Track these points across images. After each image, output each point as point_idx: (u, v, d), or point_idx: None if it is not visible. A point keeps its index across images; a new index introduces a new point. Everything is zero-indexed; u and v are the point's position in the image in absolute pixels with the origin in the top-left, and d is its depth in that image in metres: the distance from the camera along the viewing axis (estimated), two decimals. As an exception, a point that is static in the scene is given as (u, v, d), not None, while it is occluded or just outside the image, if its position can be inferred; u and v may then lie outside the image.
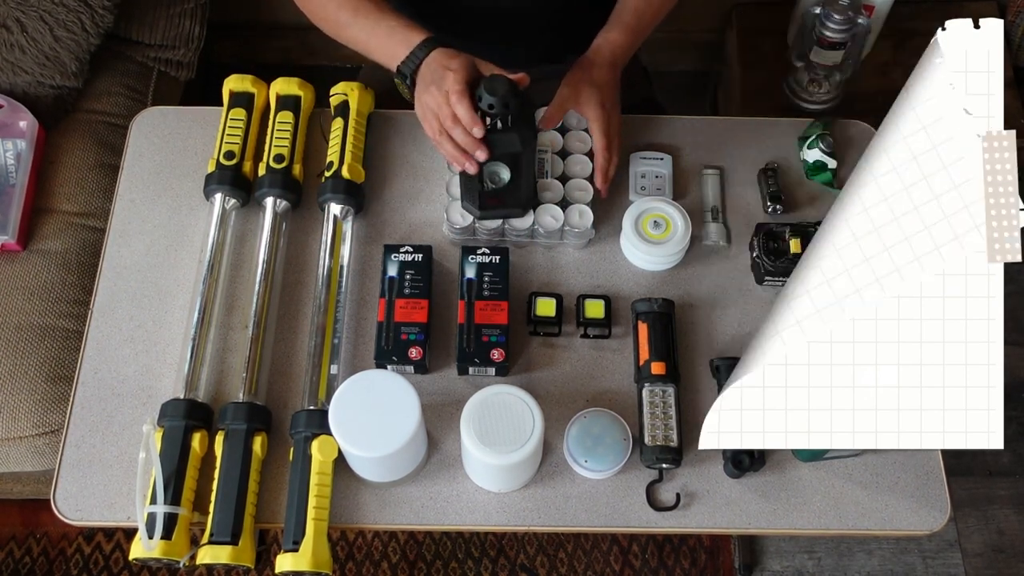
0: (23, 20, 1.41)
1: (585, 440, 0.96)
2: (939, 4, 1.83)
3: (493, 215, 1.06)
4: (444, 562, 1.65)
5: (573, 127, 1.13)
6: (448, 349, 1.04)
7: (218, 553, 0.91)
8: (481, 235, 1.09)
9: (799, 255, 1.04)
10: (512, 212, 1.06)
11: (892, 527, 0.96)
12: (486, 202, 1.04)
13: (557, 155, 1.11)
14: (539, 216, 1.07)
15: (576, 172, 1.10)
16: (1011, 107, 1.73)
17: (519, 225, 1.07)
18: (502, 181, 1.03)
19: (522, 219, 1.07)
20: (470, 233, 1.08)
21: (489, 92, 0.92)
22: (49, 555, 1.65)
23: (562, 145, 1.12)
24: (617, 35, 1.08)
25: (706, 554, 1.66)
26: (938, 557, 1.68)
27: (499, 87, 0.91)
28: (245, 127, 1.13)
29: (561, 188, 1.09)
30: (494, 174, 1.03)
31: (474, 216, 1.06)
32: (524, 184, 1.03)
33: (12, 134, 1.39)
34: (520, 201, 1.05)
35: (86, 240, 1.40)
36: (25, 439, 1.28)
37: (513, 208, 1.06)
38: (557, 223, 1.06)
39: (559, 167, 1.11)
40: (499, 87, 0.91)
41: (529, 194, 1.06)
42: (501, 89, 0.91)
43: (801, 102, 1.70)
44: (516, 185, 1.03)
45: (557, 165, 1.11)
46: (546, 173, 1.10)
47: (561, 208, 1.07)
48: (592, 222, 1.07)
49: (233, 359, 1.04)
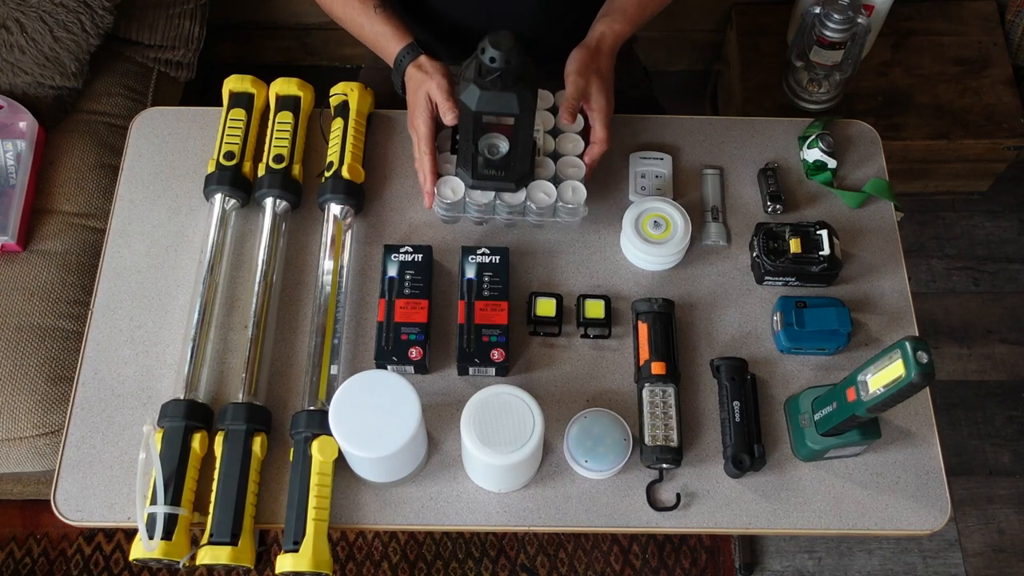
0: (23, 21, 1.41)
1: (585, 440, 0.96)
2: (939, 4, 1.83)
3: (486, 186, 1.03)
4: (444, 562, 1.65)
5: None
6: (448, 349, 1.04)
7: (218, 553, 0.91)
8: (471, 210, 1.06)
9: (799, 255, 1.04)
10: (505, 186, 1.03)
11: (892, 527, 0.96)
12: (479, 172, 1.02)
13: (548, 133, 1.09)
14: (531, 192, 1.04)
15: (568, 150, 1.08)
16: (1011, 107, 1.73)
17: (511, 200, 1.04)
18: (499, 152, 1.00)
19: (514, 195, 1.04)
20: (460, 209, 1.06)
21: (493, 45, 0.87)
22: (49, 556, 1.65)
23: (553, 123, 1.09)
24: (621, 26, 1.08)
25: (706, 554, 1.66)
26: (938, 557, 1.68)
27: (504, 41, 0.87)
28: (245, 127, 1.13)
29: (553, 165, 1.07)
30: (492, 146, 1.00)
31: (466, 184, 1.03)
32: (520, 158, 1.00)
33: (12, 135, 1.39)
34: (515, 175, 1.03)
35: (86, 241, 1.40)
36: (25, 440, 1.28)
37: (507, 182, 1.03)
38: (550, 199, 1.04)
39: (551, 145, 1.08)
40: (504, 41, 0.87)
41: (524, 169, 1.03)
42: (506, 43, 0.87)
43: (801, 102, 1.70)
44: (512, 158, 1.00)
45: (548, 143, 1.08)
46: (538, 151, 1.07)
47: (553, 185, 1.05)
48: (585, 199, 1.05)
49: (233, 359, 1.04)
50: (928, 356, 0.79)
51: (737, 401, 0.98)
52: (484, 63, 0.88)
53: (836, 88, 1.67)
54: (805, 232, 1.05)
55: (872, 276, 1.09)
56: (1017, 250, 1.95)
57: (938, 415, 1.02)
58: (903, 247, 1.11)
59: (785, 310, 1.03)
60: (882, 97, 1.74)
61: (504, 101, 0.91)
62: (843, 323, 1.02)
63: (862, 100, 1.73)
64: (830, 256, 1.04)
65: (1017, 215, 1.99)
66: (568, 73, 1.04)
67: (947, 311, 1.89)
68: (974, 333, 1.87)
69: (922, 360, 0.79)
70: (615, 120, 1.17)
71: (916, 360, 0.79)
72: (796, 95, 1.70)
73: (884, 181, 1.13)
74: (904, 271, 1.09)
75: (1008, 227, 1.98)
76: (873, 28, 1.67)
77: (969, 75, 1.76)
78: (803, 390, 0.99)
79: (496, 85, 0.90)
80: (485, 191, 1.04)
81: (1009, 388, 1.82)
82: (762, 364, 1.04)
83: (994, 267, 1.94)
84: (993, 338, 1.86)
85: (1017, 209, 2.00)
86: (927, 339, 0.83)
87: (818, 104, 1.69)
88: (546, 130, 1.09)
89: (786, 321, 1.02)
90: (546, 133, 1.09)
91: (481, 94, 0.91)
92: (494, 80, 0.89)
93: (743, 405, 0.98)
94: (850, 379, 0.88)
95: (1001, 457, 1.76)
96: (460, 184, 1.04)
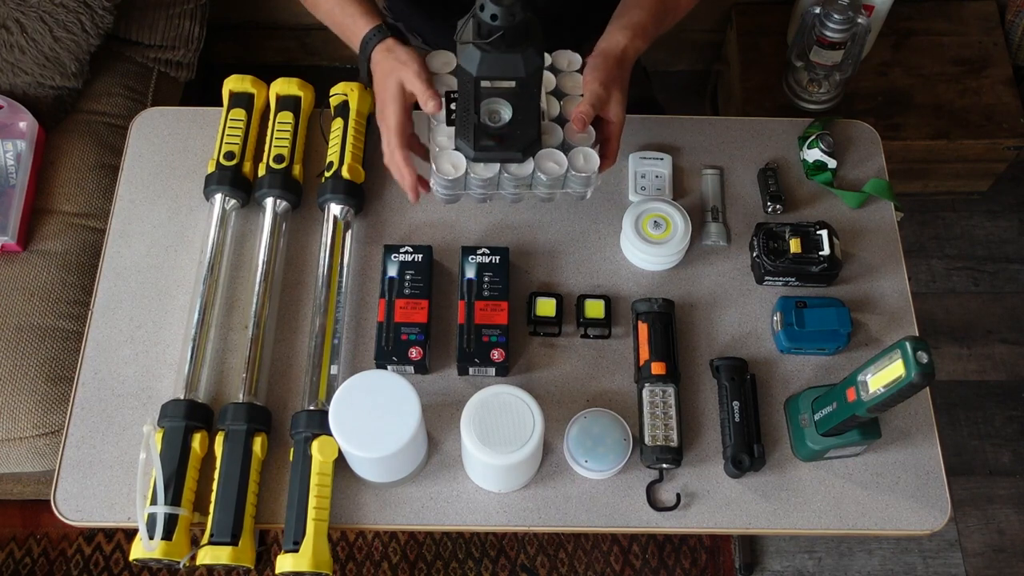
0: (23, 21, 1.41)
1: (585, 440, 0.96)
2: (939, 4, 1.83)
3: (489, 157, 0.93)
4: (444, 562, 1.65)
5: (564, 69, 1.01)
6: (448, 349, 1.04)
7: (218, 553, 0.91)
8: (474, 186, 0.96)
9: (799, 255, 1.04)
10: (511, 156, 0.92)
11: (892, 527, 0.96)
12: (482, 142, 0.91)
13: (552, 94, 0.98)
14: (540, 162, 0.93)
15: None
16: (1011, 107, 1.73)
17: (518, 172, 0.93)
18: (501, 120, 0.90)
19: (521, 165, 0.93)
20: (461, 187, 0.96)
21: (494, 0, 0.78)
22: (49, 556, 1.65)
23: (555, 85, 0.99)
24: (641, 42, 1.02)
25: (706, 554, 1.66)
26: (938, 557, 1.68)
27: None
28: (245, 127, 1.13)
29: (560, 131, 0.95)
30: (494, 112, 0.90)
31: (468, 157, 0.93)
32: (526, 125, 0.90)
33: (12, 135, 1.39)
34: (520, 144, 0.92)
35: (86, 241, 1.40)
36: (25, 440, 1.28)
37: (512, 152, 0.92)
38: (561, 168, 0.93)
39: (555, 109, 0.98)
40: None
41: (531, 137, 0.93)
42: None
43: (801, 102, 1.70)
44: (516, 125, 0.90)
45: (553, 107, 0.97)
46: (543, 116, 0.96)
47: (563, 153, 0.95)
48: (598, 165, 0.95)
49: (233, 360, 1.04)
50: (928, 356, 0.79)
51: (737, 401, 0.98)
52: (484, 20, 0.79)
53: (836, 88, 1.67)
54: (805, 232, 1.05)
55: (872, 276, 1.09)
56: (1017, 250, 1.95)
57: (938, 415, 1.02)
58: (903, 247, 1.11)
59: (785, 310, 1.03)
60: (882, 97, 1.74)
61: (508, 64, 0.82)
62: (843, 323, 1.03)
63: (862, 100, 1.73)
64: (830, 256, 1.04)
65: (1017, 215, 1.99)
66: (589, 81, 0.96)
67: (947, 311, 1.89)
68: (974, 333, 1.87)
69: (922, 360, 0.79)
70: (615, 120, 1.17)
71: (916, 360, 0.79)
72: (796, 95, 1.70)
73: (884, 181, 1.13)
74: (904, 271, 1.09)
75: (1008, 227, 1.98)
76: (873, 28, 1.67)
77: (969, 75, 1.76)
78: (803, 390, 0.99)
79: (499, 46, 0.80)
80: (489, 164, 0.94)
81: (1009, 388, 1.82)
82: (762, 364, 1.04)
83: (994, 267, 1.94)
84: (993, 338, 1.86)
85: (1017, 209, 2.00)
86: (927, 339, 0.83)
87: (818, 104, 1.69)
88: (548, 91, 0.98)
89: (786, 321, 1.02)
90: (549, 95, 0.98)
91: (482, 57, 0.81)
92: (496, 41, 0.80)
93: (743, 405, 0.98)
94: (850, 379, 0.88)
95: (1001, 457, 1.76)
96: (461, 158, 0.93)
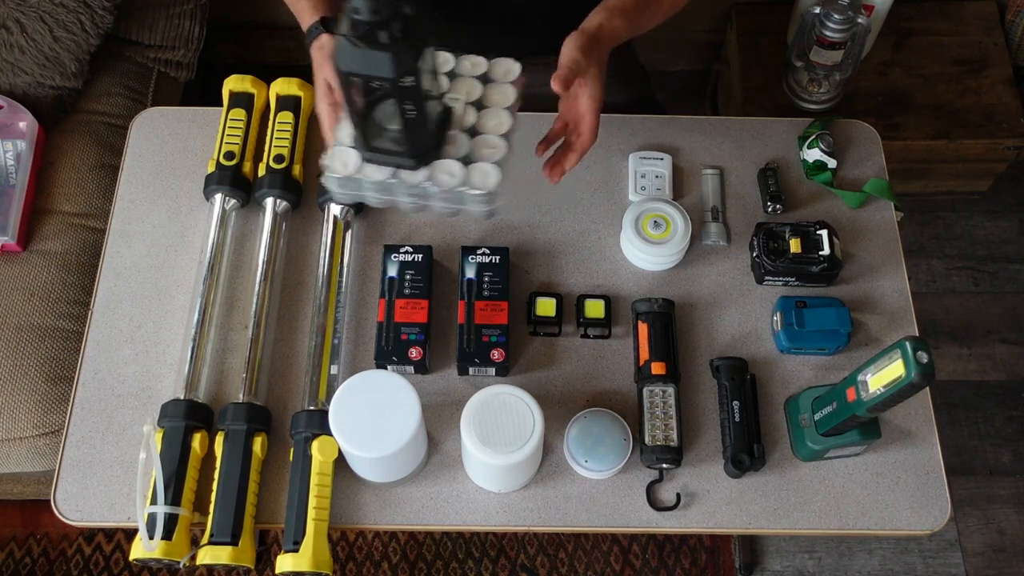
0: (23, 21, 1.41)
1: (585, 440, 0.96)
2: (939, 4, 1.83)
3: (379, 160, 0.88)
4: (444, 562, 1.65)
5: (499, 79, 0.94)
6: (448, 349, 1.04)
7: (218, 553, 0.91)
8: (367, 188, 0.90)
9: (799, 255, 1.04)
10: (402, 162, 0.87)
11: (892, 527, 0.96)
12: (374, 144, 0.87)
13: (472, 105, 0.93)
14: (433, 172, 0.88)
15: (490, 128, 0.91)
16: (1011, 107, 1.73)
17: (408, 179, 0.87)
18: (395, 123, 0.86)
19: (413, 173, 0.88)
20: (354, 187, 0.90)
21: None
22: (49, 556, 1.65)
23: (480, 95, 0.93)
24: (620, 22, 0.99)
25: (706, 554, 1.66)
26: (938, 557, 1.68)
27: None
28: (245, 127, 1.13)
29: (468, 143, 0.90)
30: (390, 115, 0.85)
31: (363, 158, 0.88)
32: (416, 129, 0.85)
33: (12, 135, 1.39)
34: (414, 151, 0.87)
35: (86, 241, 1.40)
36: (25, 440, 1.28)
37: (403, 158, 0.87)
38: (454, 180, 0.88)
39: (471, 118, 0.92)
40: None
41: (426, 144, 0.87)
42: None
43: (801, 102, 1.70)
44: (411, 131, 0.85)
45: (470, 116, 0.92)
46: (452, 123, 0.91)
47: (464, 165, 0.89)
48: (498, 184, 0.88)
49: (233, 360, 1.04)
50: (928, 356, 0.79)
51: (737, 401, 0.98)
52: (348, 13, 0.73)
53: (836, 88, 1.67)
54: (805, 232, 1.05)
55: (872, 276, 1.09)
56: (1017, 250, 1.95)
57: (938, 415, 1.02)
58: (903, 247, 1.11)
59: (785, 310, 1.03)
60: (882, 97, 1.74)
61: (375, 61, 0.75)
62: (843, 323, 1.02)
63: (862, 100, 1.73)
64: (830, 256, 1.04)
65: (1017, 215, 1.99)
66: (567, 51, 0.92)
67: (947, 311, 1.89)
68: (974, 333, 1.87)
69: (922, 360, 0.79)
70: (615, 120, 1.17)
71: (916, 360, 0.79)
72: (796, 95, 1.70)
73: (884, 181, 1.13)
74: (904, 271, 1.09)
75: (1008, 227, 1.98)
76: (873, 28, 1.67)
77: (969, 75, 1.76)
78: (803, 390, 0.99)
79: (370, 42, 0.74)
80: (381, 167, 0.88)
81: (1009, 388, 1.82)
82: (762, 364, 1.04)
83: (994, 267, 1.94)
84: (993, 338, 1.86)
85: (1017, 209, 2.00)
86: (927, 339, 0.83)
87: (818, 104, 1.69)
88: (469, 101, 0.92)
89: (786, 321, 1.02)
90: (469, 105, 0.92)
91: (347, 50, 0.75)
92: (367, 36, 0.74)
93: (743, 405, 0.98)
94: (850, 379, 0.88)
95: (1001, 457, 1.76)
96: (353, 157, 0.89)
